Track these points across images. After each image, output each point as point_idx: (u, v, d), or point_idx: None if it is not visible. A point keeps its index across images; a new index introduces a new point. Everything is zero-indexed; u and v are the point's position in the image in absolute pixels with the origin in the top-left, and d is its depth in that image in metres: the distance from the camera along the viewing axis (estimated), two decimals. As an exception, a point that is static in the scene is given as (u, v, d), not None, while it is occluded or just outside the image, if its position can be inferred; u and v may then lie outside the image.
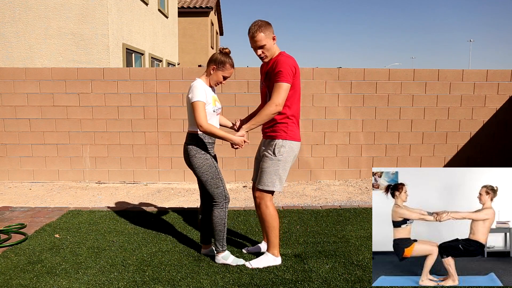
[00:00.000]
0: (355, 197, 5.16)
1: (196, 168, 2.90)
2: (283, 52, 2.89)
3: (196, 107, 2.77)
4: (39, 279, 2.81)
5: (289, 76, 2.75)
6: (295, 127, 2.92)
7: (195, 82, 2.86)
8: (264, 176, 2.90)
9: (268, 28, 2.82)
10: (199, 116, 2.76)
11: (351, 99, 5.91)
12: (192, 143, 2.91)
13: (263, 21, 2.84)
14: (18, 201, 4.95)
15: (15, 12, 8.56)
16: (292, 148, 2.90)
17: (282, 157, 2.88)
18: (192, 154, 2.90)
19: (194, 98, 2.79)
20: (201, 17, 18.99)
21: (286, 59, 2.79)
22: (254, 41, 2.83)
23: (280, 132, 2.88)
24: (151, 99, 5.81)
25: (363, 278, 2.81)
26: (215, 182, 2.92)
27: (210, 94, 2.90)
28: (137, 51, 10.67)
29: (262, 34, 2.79)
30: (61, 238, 3.57)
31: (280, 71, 2.73)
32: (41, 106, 5.81)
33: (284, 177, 2.95)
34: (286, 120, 2.87)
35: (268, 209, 2.91)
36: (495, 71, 5.95)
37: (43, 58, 8.61)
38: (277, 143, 2.88)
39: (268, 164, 2.89)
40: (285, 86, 2.75)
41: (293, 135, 2.90)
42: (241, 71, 5.79)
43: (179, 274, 2.87)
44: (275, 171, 2.88)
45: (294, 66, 2.80)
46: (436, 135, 6.04)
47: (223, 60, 2.88)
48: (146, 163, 5.95)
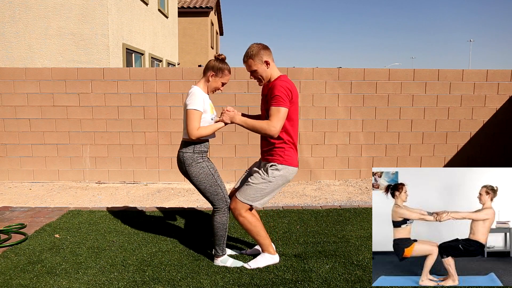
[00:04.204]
0: (355, 197, 5.15)
1: (193, 177, 2.88)
2: (281, 76, 2.87)
3: (190, 114, 2.76)
4: (39, 279, 2.81)
5: (286, 100, 2.73)
6: (292, 152, 2.90)
7: (193, 89, 2.84)
8: (249, 190, 2.88)
9: (259, 54, 2.83)
10: (191, 125, 2.76)
11: (351, 99, 5.90)
12: (188, 151, 2.87)
13: (256, 46, 2.86)
14: (18, 201, 4.94)
15: (15, 12, 8.55)
16: (286, 173, 2.88)
17: (274, 180, 2.86)
18: (188, 163, 2.87)
19: (191, 105, 2.77)
20: (201, 17, 18.98)
21: (282, 83, 2.77)
22: (246, 65, 2.90)
23: (276, 156, 2.87)
24: (151, 99, 5.81)
25: (363, 278, 2.80)
26: (214, 189, 2.89)
27: (208, 101, 2.89)
28: (137, 51, 10.66)
29: (251, 60, 2.84)
30: (61, 238, 3.57)
31: (277, 95, 2.73)
32: (41, 106, 5.81)
33: (268, 199, 2.93)
34: (283, 145, 2.86)
35: (245, 218, 2.90)
36: (495, 71, 5.94)
37: (43, 58, 8.60)
38: (272, 165, 2.87)
39: (258, 181, 2.87)
40: (283, 110, 2.73)
41: (290, 160, 2.88)
42: (241, 71, 5.79)
43: (179, 274, 2.87)
44: (261, 189, 2.87)
45: (290, 90, 2.77)
46: (436, 135, 6.03)
47: (221, 67, 2.87)
48: (146, 163, 5.95)
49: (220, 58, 2.92)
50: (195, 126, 2.76)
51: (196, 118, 2.77)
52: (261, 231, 2.95)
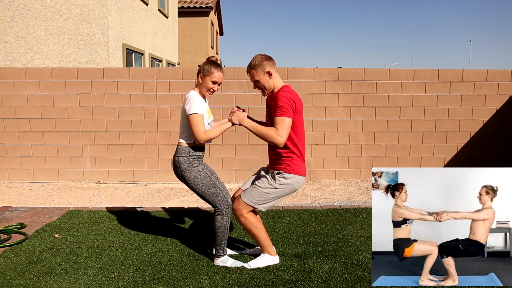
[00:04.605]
0: (355, 197, 5.15)
1: (190, 181, 2.87)
2: (285, 87, 2.91)
3: (193, 120, 2.75)
4: (39, 279, 2.80)
5: (289, 111, 2.77)
6: (299, 161, 2.93)
7: (190, 94, 2.84)
8: (254, 192, 2.90)
9: (262, 64, 2.87)
10: (197, 129, 2.75)
11: (351, 99, 5.90)
12: (184, 156, 2.86)
13: (259, 57, 2.90)
14: (18, 201, 4.94)
15: (15, 12, 8.55)
16: (293, 182, 2.90)
17: (280, 187, 2.89)
18: (184, 168, 2.85)
19: (191, 110, 2.76)
20: (201, 17, 18.98)
21: (285, 94, 2.80)
22: (249, 76, 2.95)
23: (284, 165, 2.90)
24: (151, 99, 5.81)
25: (363, 278, 2.80)
26: (212, 191, 2.88)
27: (205, 105, 2.89)
28: (137, 51, 10.65)
29: (253, 70, 2.89)
30: (61, 238, 3.57)
31: (280, 106, 2.76)
32: (41, 106, 5.81)
33: (272, 204, 2.95)
34: (291, 154, 2.89)
35: (246, 219, 2.91)
36: (495, 71, 5.94)
37: (43, 58, 8.59)
38: (279, 173, 2.90)
39: (264, 185, 2.90)
40: (287, 120, 2.76)
41: (297, 169, 2.91)
42: (241, 71, 5.78)
43: (179, 274, 2.86)
44: (266, 194, 2.89)
45: (293, 100, 2.80)
46: (436, 135, 6.03)
47: (207, 66, 2.87)
48: (146, 163, 5.94)
49: (209, 59, 2.93)
50: (201, 130, 2.76)
51: (200, 122, 2.76)
52: (262, 233, 2.96)
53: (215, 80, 2.87)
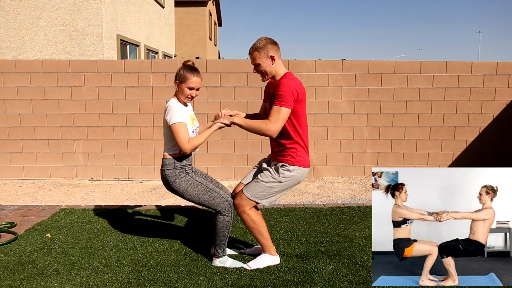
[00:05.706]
0: (359, 195, 5.07)
1: (182, 192, 2.84)
2: (287, 74, 2.84)
3: (176, 129, 2.71)
4: (29, 280, 2.78)
5: (290, 101, 2.69)
6: (304, 152, 2.88)
7: (170, 102, 2.81)
8: (257, 187, 2.84)
9: (266, 47, 2.79)
10: (181, 139, 2.71)
11: (355, 92, 5.77)
12: (170, 169, 2.82)
13: (264, 40, 2.83)
14: (7, 199, 4.88)
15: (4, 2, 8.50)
16: (298, 174, 2.85)
17: (284, 180, 2.83)
18: (172, 180, 2.82)
19: (172, 120, 2.72)
20: (199, 7, 18.74)
21: (288, 82, 2.73)
22: (250, 58, 2.87)
23: (288, 157, 2.84)
24: (147, 93, 5.68)
25: (367, 279, 2.75)
26: (208, 195, 2.85)
27: (187, 113, 2.85)
28: (132, 43, 10.61)
29: (256, 52, 2.81)
30: (53, 237, 3.53)
31: (280, 94, 2.69)
32: (32, 100, 5.69)
33: (276, 198, 2.90)
34: (295, 145, 2.84)
35: (248, 216, 2.86)
36: (506, 63, 5.83)
37: (34, 50, 8.50)
38: (283, 165, 2.84)
39: (267, 179, 2.84)
40: (284, 110, 2.69)
41: (302, 161, 2.86)
42: (240, 64, 5.66)
43: (176, 275, 2.84)
44: (270, 188, 2.83)
45: (296, 89, 2.73)
46: (444, 130, 5.92)
47: (182, 72, 2.82)
48: (142, 159, 5.82)
49: (185, 64, 2.87)
50: (185, 139, 2.73)
51: (183, 131, 2.72)
52: (264, 231, 2.92)
53: (192, 86, 2.81)
